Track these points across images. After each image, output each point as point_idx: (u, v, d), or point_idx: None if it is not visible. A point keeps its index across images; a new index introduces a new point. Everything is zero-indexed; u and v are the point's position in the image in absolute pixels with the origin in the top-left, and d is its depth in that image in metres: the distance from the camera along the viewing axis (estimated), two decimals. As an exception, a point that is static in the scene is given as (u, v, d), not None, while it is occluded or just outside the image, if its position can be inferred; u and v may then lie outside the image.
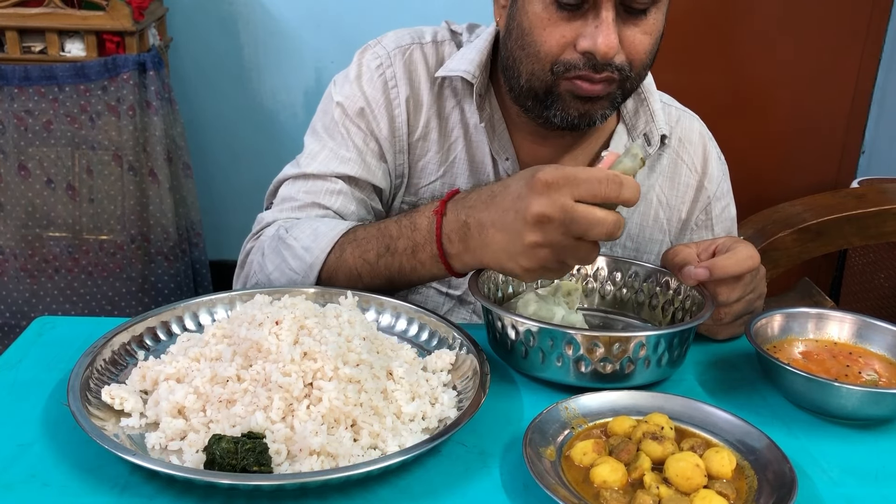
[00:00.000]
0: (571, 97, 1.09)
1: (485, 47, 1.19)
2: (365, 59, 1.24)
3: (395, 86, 1.22)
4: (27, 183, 2.51)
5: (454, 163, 1.24)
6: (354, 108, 1.22)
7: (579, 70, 1.06)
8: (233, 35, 2.90)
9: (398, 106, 1.22)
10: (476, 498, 0.79)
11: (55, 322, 1.08)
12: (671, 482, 0.77)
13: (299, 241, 1.11)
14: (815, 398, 0.92)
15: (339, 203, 1.20)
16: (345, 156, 1.21)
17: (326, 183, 1.20)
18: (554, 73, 1.07)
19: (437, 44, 1.25)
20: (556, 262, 0.93)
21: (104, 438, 0.78)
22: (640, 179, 1.27)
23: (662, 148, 1.27)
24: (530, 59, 1.08)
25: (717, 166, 1.32)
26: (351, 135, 1.22)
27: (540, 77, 1.08)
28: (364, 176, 1.21)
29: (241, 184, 3.07)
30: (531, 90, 1.11)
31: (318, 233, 1.11)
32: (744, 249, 1.01)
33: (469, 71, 1.18)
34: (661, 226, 1.30)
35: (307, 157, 1.23)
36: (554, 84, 1.08)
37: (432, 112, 1.23)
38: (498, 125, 1.22)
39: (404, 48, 1.24)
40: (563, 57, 1.06)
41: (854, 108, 3.11)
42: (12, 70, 2.39)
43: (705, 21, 2.94)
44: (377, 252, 1.07)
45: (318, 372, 0.84)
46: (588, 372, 0.93)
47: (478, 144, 1.23)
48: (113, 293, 2.64)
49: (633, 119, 1.25)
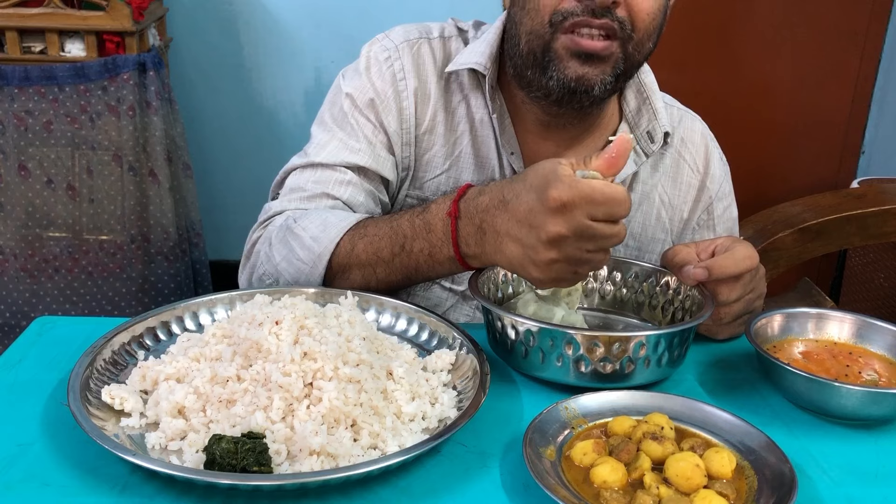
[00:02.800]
0: (569, 55, 1.08)
1: (494, 40, 1.20)
2: (373, 51, 1.24)
3: (404, 78, 1.22)
4: (27, 183, 2.51)
5: (460, 157, 1.24)
6: (364, 100, 1.22)
7: (577, 17, 1.05)
8: (233, 35, 2.90)
9: (406, 98, 1.22)
10: (476, 498, 0.79)
11: (55, 322, 1.08)
12: (671, 482, 0.77)
13: (308, 231, 1.10)
14: (815, 398, 0.92)
15: (348, 193, 1.19)
16: (354, 146, 1.21)
17: (336, 173, 1.20)
18: (552, 24, 1.07)
19: (445, 39, 1.26)
20: (571, 272, 0.94)
21: (104, 438, 0.78)
22: (643, 180, 1.28)
23: (665, 147, 1.28)
24: (530, 16, 1.08)
25: (718, 167, 1.32)
26: (361, 125, 1.22)
27: (538, 33, 1.08)
28: (374, 166, 1.21)
29: (241, 184, 3.07)
30: (530, 53, 1.11)
31: (327, 223, 1.11)
32: (743, 249, 1.02)
33: (481, 63, 1.19)
34: (664, 225, 1.30)
35: (316, 146, 1.23)
36: (552, 39, 1.08)
37: (439, 106, 1.23)
38: (504, 119, 1.23)
39: (412, 42, 1.24)
40: (561, 6, 1.06)
41: (854, 108, 3.11)
42: (12, 70, 2.38)
43: (705, 21, 2.94)
44: (392, 251, 1.07)
45: (318, 372, 0.84)
46: (588, 372, 0.93)
47: (483, 139, 1.24)
48: (113, 293, 2.64)
49: (636, 117, 1.26)
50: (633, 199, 1.27)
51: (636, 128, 1.25)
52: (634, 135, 1.25)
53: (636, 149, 1.25)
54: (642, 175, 1.28)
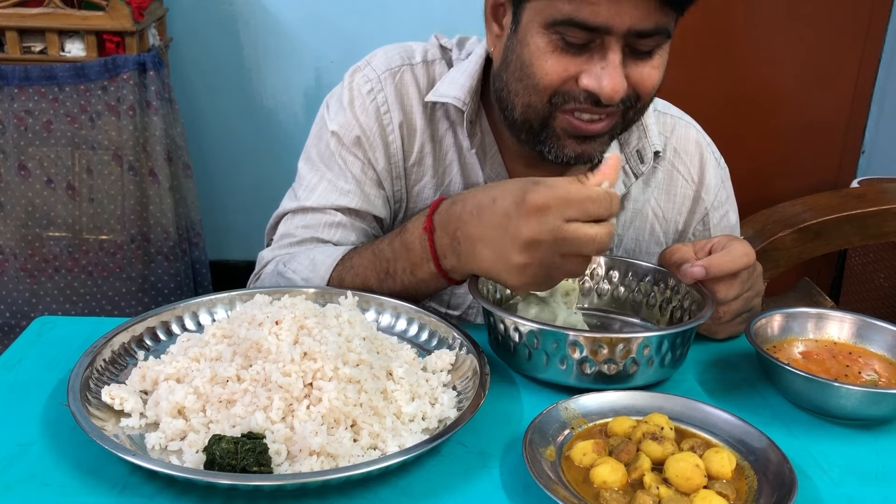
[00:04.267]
0: (567, 135, 1.06)
1: (475, 71, 1.17)
2: (355, 82, 1.22)
3: (388, 111, 1.20)
4: (27, 183, 2.51)
5: (450, 186, 1.23)
6: (350, 137, 1.20)
7: (579, 103, 1.03)
8: (233, 35, 2.90)
9: (392, 132, 1.20)
10: (476, 498, 0.79)
11: (55, 322, 1.08)
12: (671, 482, 0.77)
13: (298, 274, 1.13)
14: (814, 398, 0.92)
15: (338, 235, 1.19)
16: (343, 188, 1.20)
17: (325, 216, 1.20)
18: (552, 104, 1.04)
19: (428, 64, 1.23)
20: (545, 277, 0.94)
21: (104, 438, 0.78)
22: (634, 197, 1.26)
23: (657, 161, 1.26)
24: (528, 91, 1.05)
25: (714, 174, 1.29)
26: (348, 165, 1.20)
27: (537, 108, 1.05)
28: (364, 207, 1.21)
29: (241, 184, 3.07)
30: (526, 122, 1.08)
31: (315, 262, 1.12)
32: (739, 247, 1.01)
33: (459, 98, 1.16)
34: (658, 238, 1.29)
35: (305, 189, 1.22)
36: (550, 117, 1.05)
37: (426, 136, 1.22)
38: (490, 149, 1.21)
39: (394, 70, 1.21)
40: (563, 88, 1.02)
41: (854, 108, 3.11)
42: (12, 70, 2.38)
43: (706, 21, 2.94)
44: (378, 278, 1.07)
45: (318, 372, 0.84)
46: (592, 373, 0.93)
47: (472, 167, 1.22)
48: (113, 293, 2.64)
49: (626, 135, 1.22)
50: (625, 217, 1.27)
51: (626, 145, 1.23)
52: (624, 153, 1.23)
53: (625, 169, 1.23)
54: (634, 192, 1.26)
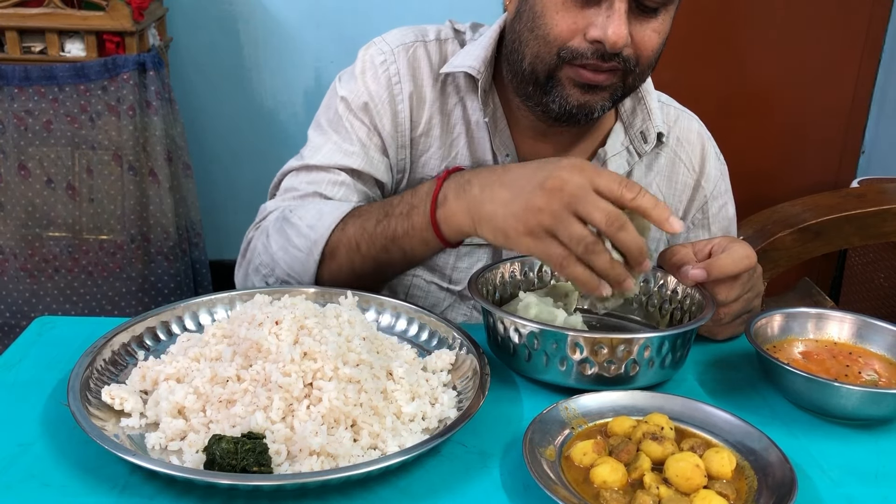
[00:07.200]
0: (572, 84, 1.10)
1: (490, 44, 1.20)
2: (369, 54, 1.25)
3: (399, 82, 1.23)
4: (27, 183, 2.51)
5: (456, 159, 1.25)
6: (358, 103, 1.23)
7: (586, 59, 1.07)
8: (233, 35, 2.90)
9: (401, 101, 1.23)
10: (476, 498, 0.79)
11: (55, 322, 1.08)
12: (671, 482, 0.77)
13: (304, 220, 1.13)
14: (815, 398, 0.92)
15: (340, 194, 1.20)
16: (348, 149, 1.22)
17: (329, 174, 1.21)
18: (560, 57, 1.08)
19: (441, 42, 1.26)
20: (546, 230, 0.92)
21: (104, 438, 0.78)
22: (637, 179, 1.28)
23: (659, 146, 1.28)
24: (538, 42, 1.09)
25: (714, 166, 1.32)
26: (355, 129, 1.23)
27: (545, 60, 1.09)
28: (367, 169, 1.22)
29: (241, 184, 3.07)
30: (533, 73, 1.12)
31: (322, 212, 1.13)
32: (740, 249, 1.02)
33: (474, 66, 1.19)
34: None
35: (311, 149, 1.24)
36: (557, 68, 1.09)
37: (435, 108, 1.24)
38: (500, 122, 1.23)
39: (408, 45, 1.25)
40: (572, 44, 1.07)
41: (854, 108, 3.11)
42: (12, 70, 2.38)
43: (706, 21, 2.94)
44: (376, 219, 1.09)
45: (318, 372, 0.84)
46: (592, 374, 0.93)
47: (479, 141, 1.24)
48: (113, 293, 2.64)
49: (630, 117, 1.26)
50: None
51: (630, 127, 1.26)
52: (628, 134, 1.26)
53: (628, 149, 1.27)
54: (636, 175, 1.28)
